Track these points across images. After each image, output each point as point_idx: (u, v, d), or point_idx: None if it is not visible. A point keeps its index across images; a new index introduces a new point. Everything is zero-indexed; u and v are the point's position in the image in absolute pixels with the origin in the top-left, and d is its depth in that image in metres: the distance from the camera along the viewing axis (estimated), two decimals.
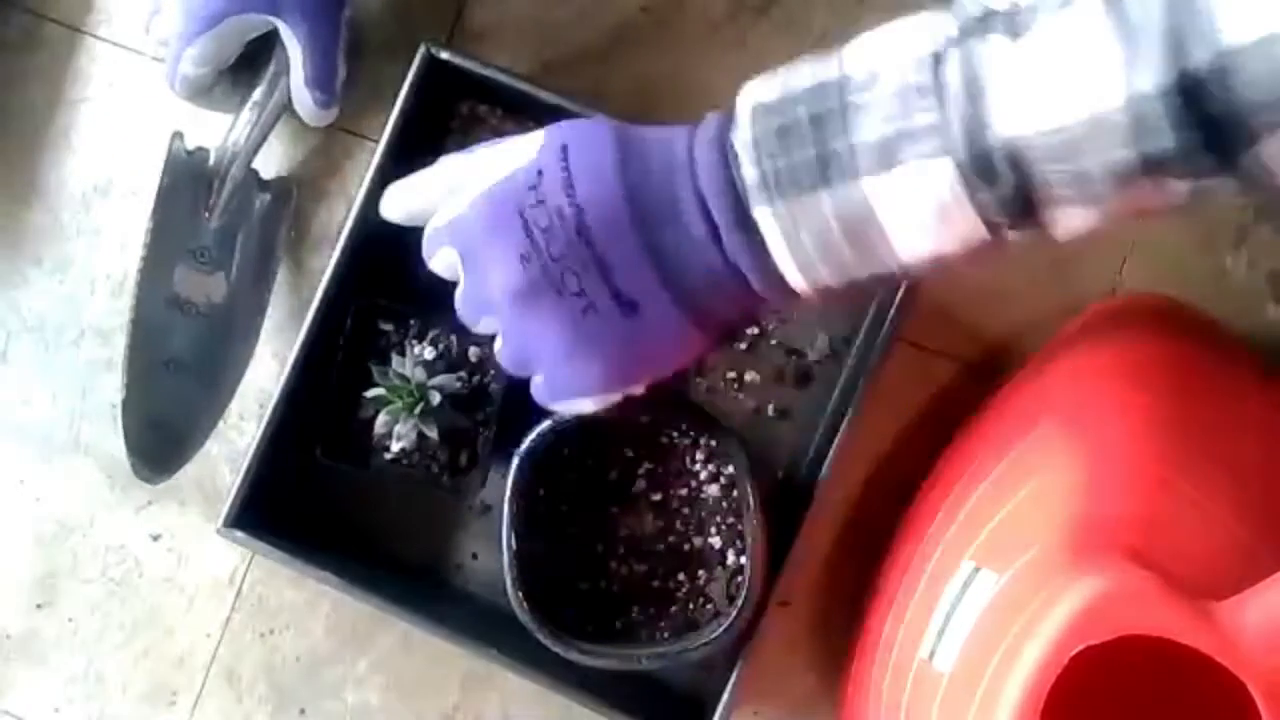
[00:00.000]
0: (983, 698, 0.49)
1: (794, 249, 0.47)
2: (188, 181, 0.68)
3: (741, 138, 0.47)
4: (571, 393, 0.53)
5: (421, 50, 0.63)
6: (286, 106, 0.67)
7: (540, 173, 0.50)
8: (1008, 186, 0.43)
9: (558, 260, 0.49)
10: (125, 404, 0.66)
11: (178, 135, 0.68)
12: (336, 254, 0.64)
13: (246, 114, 0.67)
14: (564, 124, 0.52)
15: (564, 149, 0.50)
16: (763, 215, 0.47)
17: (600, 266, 0.49)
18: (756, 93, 0.48)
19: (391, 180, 0.64)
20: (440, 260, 0.54)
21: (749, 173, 0.46)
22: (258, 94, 0.67)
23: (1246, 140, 0.40)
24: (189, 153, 0.68)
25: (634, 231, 0.49)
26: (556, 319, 0.50)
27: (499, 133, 0.68)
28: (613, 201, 0.49)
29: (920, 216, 0.45)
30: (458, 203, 0.53)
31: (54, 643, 0.72)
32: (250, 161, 0.68)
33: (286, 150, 0.71)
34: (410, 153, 0.65)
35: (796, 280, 0.48)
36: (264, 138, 0.68)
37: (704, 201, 0.48)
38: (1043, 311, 0.67)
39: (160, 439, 0.67)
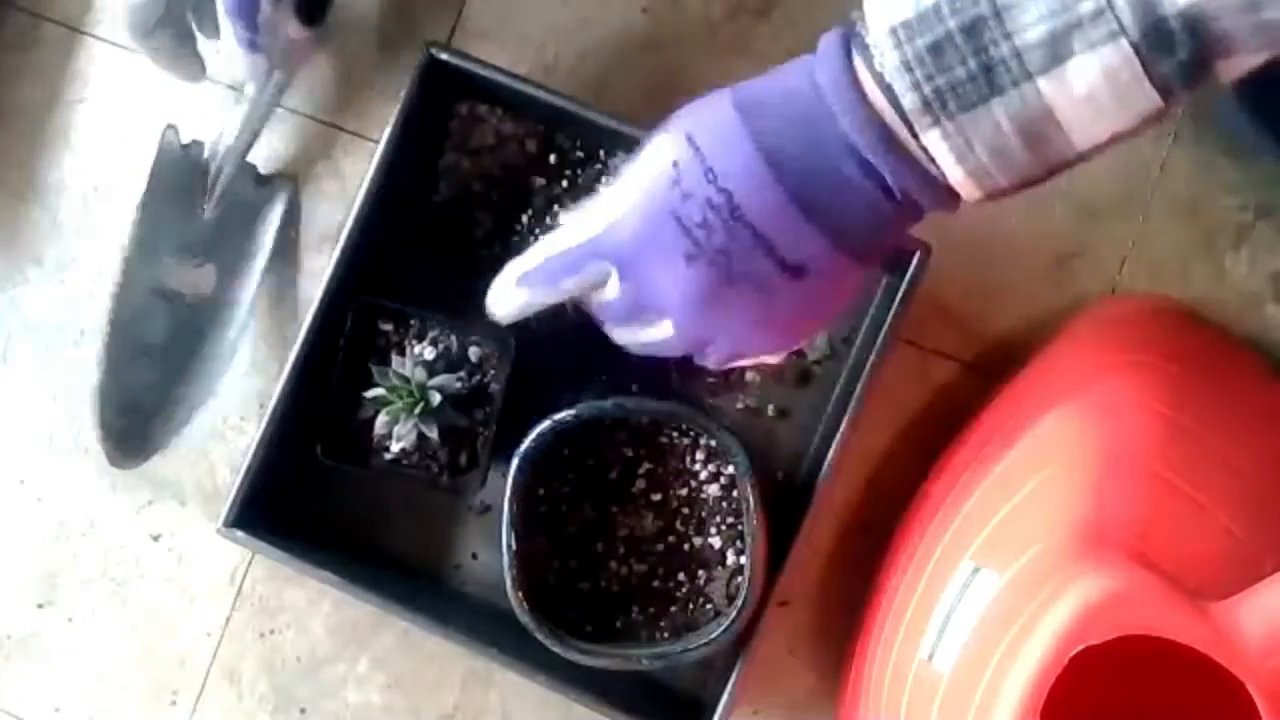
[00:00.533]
0: (982, 698, 0.49)
1: (967, 163, 0.45)
2: (181, 175, 0.68)
3: (889, 63, 0.45)
4: (749, 357, 0.53)
5: (421, 50, 0.63)
6: (277, 103, 0.67)
7: (676, 165, 0.49)
8: (1186, 51, 0.42)
9: (721, 250, 0.49)
10: (100, 389, 0.66)
11: (170, 128, 0.68)
12: (336, 254, 0.64)
13: (239, 109, 0.67)
14: (680, 112, 0.51)
15: (690, 137, 0.49)
16: (931, 139, 0.45)
17: (763, 244, 0.49)
18: (885, 13, 0.45)
19: (390, 180, 0.64)
20: (588, 276, 0.53)
21: (908, 98, 0.45)
22: (250, 89, 0.66)
23: None
24: (184, 146, 0.68)
25: (785, 196, 0.48)
26: (729, 304, 0.50)
27: (499, 133, 0.68)
28: (757, 174, 0.48)
29: (1098, 103, 0.44)
30: (598, 219, 0.52)
31: (54, 642, 0.72)
32: (243, 156, 0.68)
33: (287, 149, 0.71)
34: (410, 153, 0.65)
35: (970, 191, 0.47)
36: (255, 134, 0.68)
37: (851, 144, 0.47)
38: (1043, 311, 0.67)
39: (134, 426, 0.67)
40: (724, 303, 0.50)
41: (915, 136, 0.46)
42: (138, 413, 0.67)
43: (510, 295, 0.55)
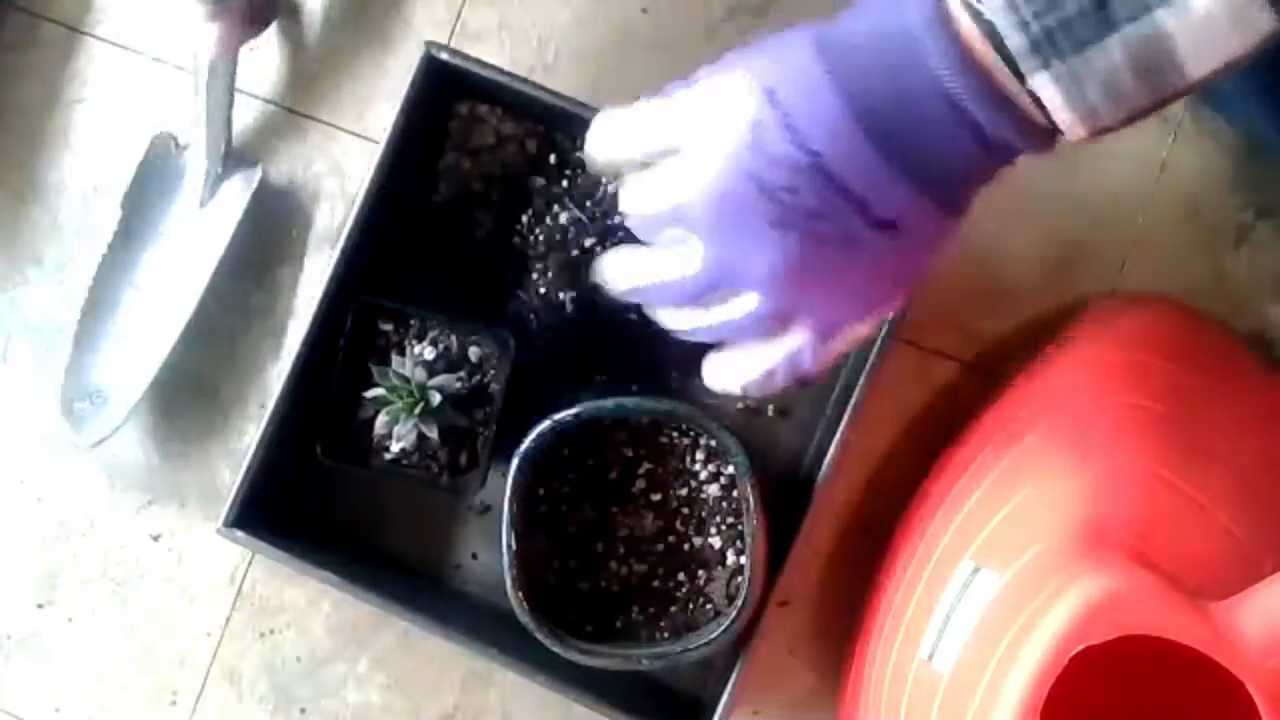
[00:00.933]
0: (982, 698, 0.49)
1: (1077, 104, 0.43)
2: (168, 172, 0.70)
3: (990, 3, 0.42)
4: (844, 327, 0.50)
5: (421, 50, 0.63)
6: (231, 89, 0.68)
7: (757, 126, 0.46)
8: None
9: (812, 214, 0.46)
10: (67, 376, 0.69)
11: (161, 134, 0.70)
12: (336, 254, 0.64)
13: (199, 106, 0.68)
14: (753, 53, 0.48)
15: (771, 92, 0.46)
16: (1040, 82, 0.43)
17: (857, 204, 0.46)
18: None
19: (390, 180, 0.64)
20: (663, 242, 0.50)
21: (1014, 39, 0.42)
22: (203, 81, 0.67)
23: None
24: (180, 146, 0.70)
25: (876, 153, 0.45)
26: (820, 268, 0.48)
27: (499, 133, 0.68)
28: (846, 131, 0.45)
29: (1215, 29, 0.41)
30: (676, 184, 0.49)
31: (54, 642, 0.72)
32: (219, 153, 0.69)
33: (287, 149, 0.71)
34: (410, 153, 0.65)
35: (1076, 131, 0.44)
36: (219, 127, 0.68)
37: (947, 93, 0.44)
38: (1043, 311, 0.67)
39: (95, 408, 0.69)
40: (814, 268, 0.47)
41: (1021, 79, 0.43)
42: (98, 397, 0.69)
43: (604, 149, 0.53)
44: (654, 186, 0.49)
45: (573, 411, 0.61)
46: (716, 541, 0.64)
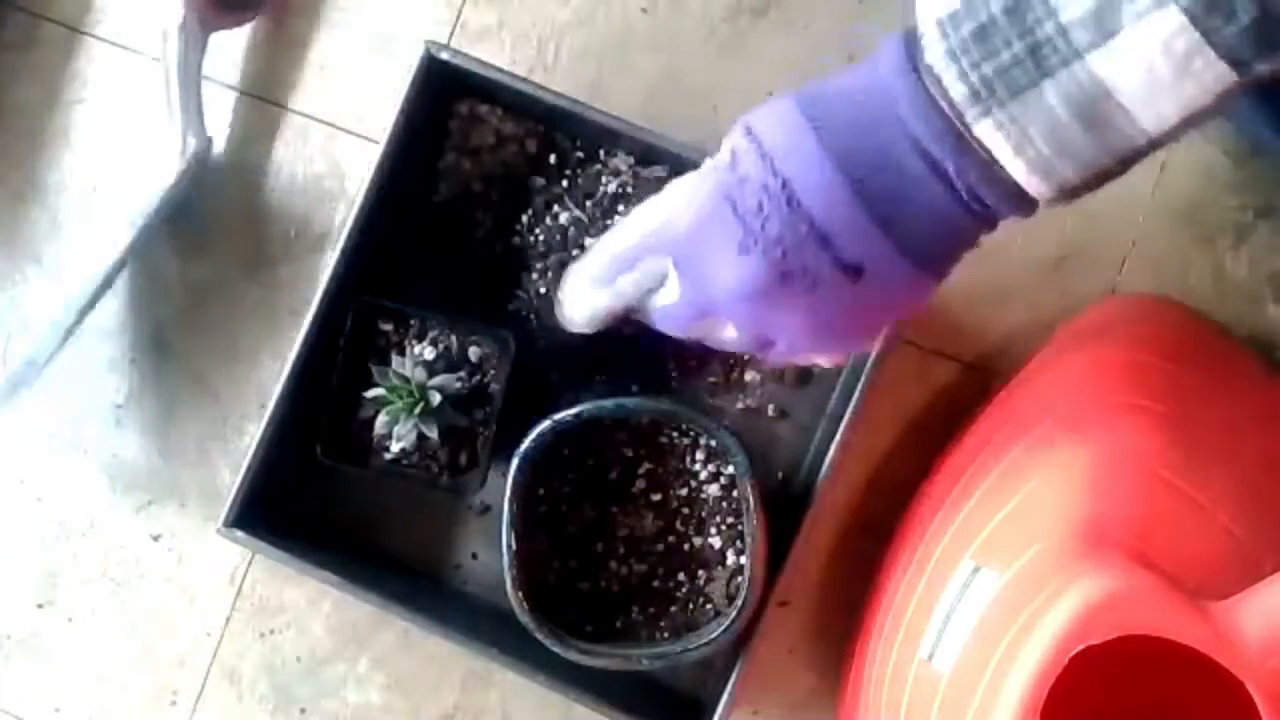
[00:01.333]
0: (982, 698, 0.49)
1: (1025, 154, 0.43)
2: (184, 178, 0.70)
3: (934, 54, 0.43)
4: (812, 356, 0.52)
5: (421, 50, 0.63)
6: (199, 64, 0.68)
7: (734, 153, 0.48)
8: (1248, 13, 0.39)
9: (777, 240, 0.47)
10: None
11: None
12: (336, 254, 0.64)
13: (168, 81, 0.68)
14: (742, 116, 0.50)
15: (748, 128, 0.48)
16: (984, 129, 0.43)
17: (819, 238, 0.46)
18: (934, 6, 0.43)
19: (390, 180, 0.64)
20: (645, 275, 0.52)
21: (955, 89, 0.43)
22: (173, 58, 0.67)
23: None
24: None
25: (845, 191, 0.46)
26: (782, 303, 0.48)
27: (499, 133, 0.68)
28: (816, 163, 0.46)
29: (1158, 78, 0.41)
30: (655, 212, 0.51)
31: (54, 642, 0.72)
32: (187, 130, 0.69)
33: (286, 148, 0.71)
34: (410, 153, 0.65)
35: (1036, 187, 0.45)
36: (190, 104, 0.68)
37: (914, 136, 0.45)
38: (1043, 311, 0.67)
39: (21, 375, 0.67)
40: (777, 302, 0.48)
41: (968, 128, 0.44)
42: (28, 366, 0.67)
43: (584, 300, 0.55)
44: (639, 214, 0.52)
45: (573, 411, 0.61)
46: (716, 541, 0.64)
